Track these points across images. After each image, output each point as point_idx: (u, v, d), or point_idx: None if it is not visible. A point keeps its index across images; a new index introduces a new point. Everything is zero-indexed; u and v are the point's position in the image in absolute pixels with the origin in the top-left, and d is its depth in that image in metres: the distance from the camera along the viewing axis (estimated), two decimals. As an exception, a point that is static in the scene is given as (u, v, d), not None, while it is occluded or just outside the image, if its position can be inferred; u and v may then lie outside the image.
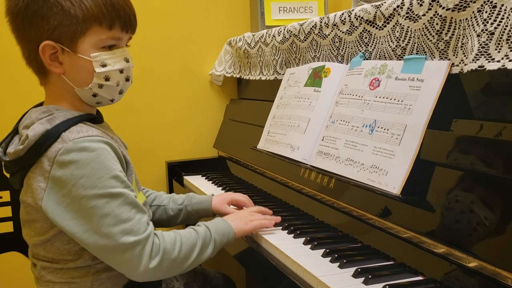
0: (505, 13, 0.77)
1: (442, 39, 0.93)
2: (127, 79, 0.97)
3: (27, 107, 0.96)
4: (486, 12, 0.81)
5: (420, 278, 0.83)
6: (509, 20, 0.77)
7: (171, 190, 1.86)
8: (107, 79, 0.93)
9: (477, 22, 0.83)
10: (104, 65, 0.92)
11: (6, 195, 1.69)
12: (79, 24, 0.88)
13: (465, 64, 0.87)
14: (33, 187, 0.87)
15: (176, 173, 1.83)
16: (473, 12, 0.84)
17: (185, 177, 1.75)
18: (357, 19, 1.15)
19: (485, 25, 0.81)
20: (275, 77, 1.60)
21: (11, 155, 0.88)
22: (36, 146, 0.85)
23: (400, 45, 1.04)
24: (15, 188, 0.94)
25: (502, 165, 0.75)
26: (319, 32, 1.31)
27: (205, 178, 1.69)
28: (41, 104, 0.97)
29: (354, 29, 1.18)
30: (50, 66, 0.90)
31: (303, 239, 1.01)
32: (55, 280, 0.93)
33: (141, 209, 0.90)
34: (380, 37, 1.10)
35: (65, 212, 0.85)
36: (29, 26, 0.88)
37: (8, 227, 1.71)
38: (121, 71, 0.94)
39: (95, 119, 0.96)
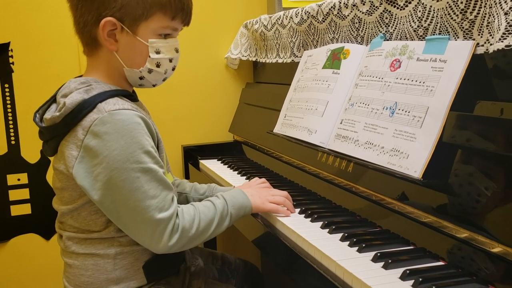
0: (535, -11, 0.74)
1: (467, 18, 0.90)
2: (173, 69, 1.01)
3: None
4: (514, -12, 0.77)
5: (441, 263, 0.82)
6: (540, -4, 0.74)
7: (187, 174, 1.87)
8: (158, 65, 0.96)
9: (505, -1, 0.80)
10: (158, 52, 0.95)
11: (24, 178, 1.71)
12: (146, 9, 0.90)
13: (491, 44, 0.84)
14: (65, 154, 0.89)
15: (192, 157, 1.83)
16: (501, -11, 0.81)
17: (200, 161, 1.74)
18: (377, -1, 1.12)
19: (513, 2, 0.78)
20: (292, 60, 1.57)
21: (47, 121, 0.91)
22: (73, 114, 0.87)
23: (422, 25, 1.01)
24: (47, 156, 0.97)
25: (530, 148, 0.73)
26: (338, 13, 1.28)
27: (221, 162, 1.68)
28: (80, 76, 0.98)
29: (374, 9, 1.15)
30: (105, 41, 0.92)
31: (320, 223, 1.00)
32: (79, 251, 0.94)
33: (168, 186, 0.91)
34: (401, 17, 1.07)
35: (94, 181, 0.87)
36: None
37: (26, 209, 1.73)
38: (170, 60, 0.98)
39: (131, 96, 0.98)
